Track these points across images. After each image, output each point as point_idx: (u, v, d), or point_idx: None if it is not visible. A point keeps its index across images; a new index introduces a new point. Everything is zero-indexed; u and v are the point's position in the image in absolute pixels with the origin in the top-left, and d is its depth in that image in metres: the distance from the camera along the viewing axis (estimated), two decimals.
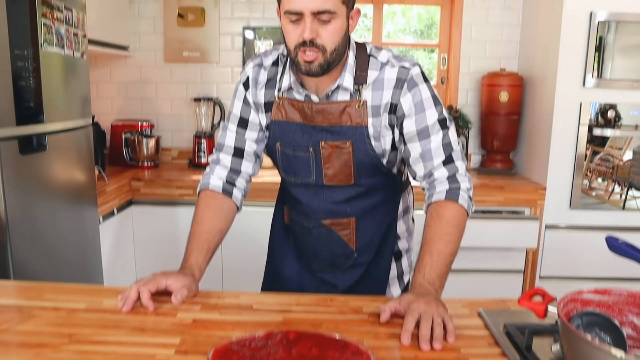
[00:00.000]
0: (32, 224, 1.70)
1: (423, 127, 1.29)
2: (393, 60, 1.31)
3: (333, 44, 1.21)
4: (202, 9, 3.14)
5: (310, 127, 1.32)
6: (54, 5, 1.71)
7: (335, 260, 1.46)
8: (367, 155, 1.31)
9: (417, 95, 1.28)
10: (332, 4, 1.17)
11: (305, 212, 1.43)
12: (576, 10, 2.59)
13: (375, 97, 1.29)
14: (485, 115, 3.09)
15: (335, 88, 1.29)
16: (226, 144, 1.41)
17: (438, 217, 1.24)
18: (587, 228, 2.75)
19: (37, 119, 1.68)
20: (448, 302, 1.12)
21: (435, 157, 1.30)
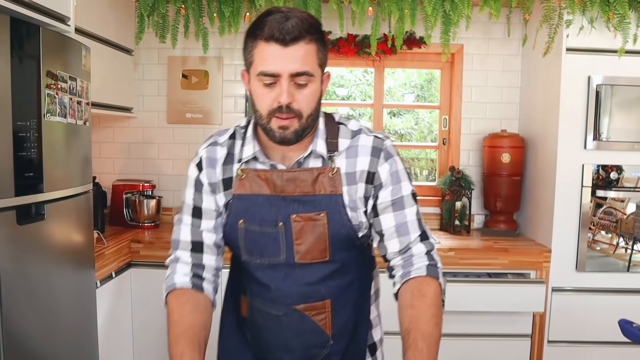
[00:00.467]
0: (27, 290, 1.66)
1: (398, 197, 1.25)
2: (365, 129, 1.28)
3: (309, 109, 1.16)
4: (205, 71, 3.19)
5: (279, 198, 1.21)
6: (59, 76, 1.74)
7: (310, 351, 1.29)
8: (344, 227, 1.23)
9: (393, 165, 1.26)
10: (310, 66, 1.13)
11: (273, 299, 1.26)
12: (574, 75, 2.63)
13: (349, 164, 1.24)
14: (487, 176, 3.08)
15: (307, 155, 1.22)
16: (181, 239, 1.29)
17: (422, 295, 1.17)
18: (595, 291, 2.70)
19: (37, 189, 1.67)
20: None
21: (412, 231, 1.25)
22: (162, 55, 3.21)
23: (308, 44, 1.12)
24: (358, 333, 1.33)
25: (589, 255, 2.68)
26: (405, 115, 4.06)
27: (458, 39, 2.88)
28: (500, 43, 3.19)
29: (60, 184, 1.81)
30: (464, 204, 3.12)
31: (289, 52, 1.10)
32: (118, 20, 2.79)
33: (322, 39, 1.17)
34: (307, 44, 1.12)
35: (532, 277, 2.70)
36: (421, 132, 4.04)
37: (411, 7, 2.63)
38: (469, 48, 3.19)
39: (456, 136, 3.25)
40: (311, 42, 1.13)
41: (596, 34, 2.60)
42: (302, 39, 1.11)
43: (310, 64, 1.13)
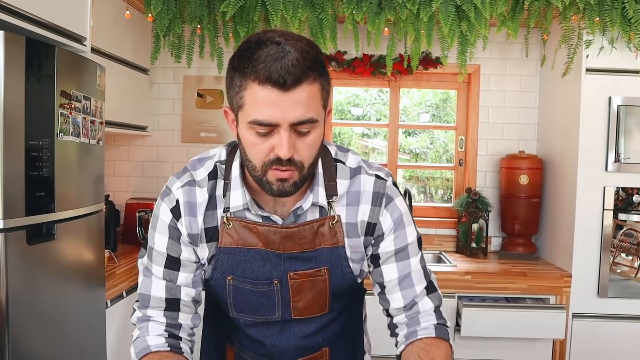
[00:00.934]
0: (35, 309, 1.64)
1: (402, 246, 1.12)
2: (365, 166, 1.12)
3: (311, 158, 0.99)
4: (220, 91, 3.20)
5: (274, 254, 1.07)
6: (73, 95, 1.73)
7: None
8: (345, 280, 1.12)
9: (395, 211, 1.12)
10: (314, 111, 0.94)
11: (268, 354, 1.16)
12: (594, 95, 2.58)
13: (350, 213, 1.10)
14: (505, 198, 3.02)
15: (309, 207, 1.07)
16: (153, 295, 1.09)
17: (436, 345, 1.08)
18: (617, 317, 2.62)
19: (48, 208, 1.65)
20: None
21: (417, 283, 1.13)
22: (177, 75, 3.23)
23: (312, 84, 0.93)
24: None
25: (611, 278, 2.60)
26: (420, 134, 4.02)
27: (475, 59, 2.86)
28: (518, 63, 3.15)
29: (71, 203, 1.80)
30: (481, 226, 3.06)
31: (290, 98, 0.91)
32: (134, 40, 2.81)
33: (325, 71, 0.98)
34: (311, 85, 0.93)
35: (551, 302, 2.63)
36: (436, 152, 3.99)
37: (427, 28, 2.61)
38: (486, 68, 3.16)
39: (473, 157, 3.20)
40: (315, 81, 0.94)
41: (616, 54, 2.55)
42: (305, 80, 0.91)
43: (314, 109, 0.94)
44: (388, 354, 2.60)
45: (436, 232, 3.23)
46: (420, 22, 2.58)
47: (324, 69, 0.97)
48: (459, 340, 2.62)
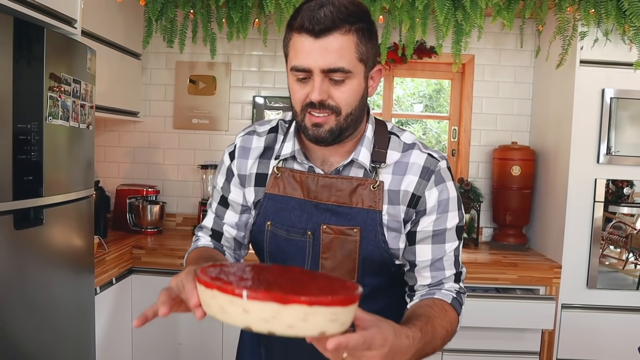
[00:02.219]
0: (23, 296, 1.62)
1: (441, 229, 1.10)
2: (420, 144, 1.13)
3: (349, 107, 1.02)
4: (213, 77, 3.17)
5: (312, 205, 1.11)
6: (62, 79, 1.71)
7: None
8: (378, 248, 1.09)
9: (444, 192, 1.10)
10: (346, 62, 0.99)
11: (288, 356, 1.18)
12: (588, 87, 2.58)
13: (394, 181, 1.10)
14: (497, 189, 3.03)
15: (348, 163, 1.10)
16: (204, 224, 1.25)
17: (443, 309, 1.05)
18: (606, 308, 2.64)
19: (36, 193, 1.63)
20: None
21: (448, 268, 1.12)
22: (170, 60, 3.19)
23: (344, 35, 0.98)
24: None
25: (600, 270, 2.62)
26: (413, 124, 4.02)
27: (469, 49, 2.84)
28: (512, 54, 3.14)
29: (60, 188, 1.78)
30: (473, 217, 3.07)
31: (321, 45, 0.97)
32: (127, 23, 2.77)
33: (366, 29, 1.02)
34: (343, 35, 0.98)
35: (541, 293, 2.64)
36: (429, 142, 3.99)
37: (422, 17, 2.59)
38: (481, 59, 3.15)
39: (466, 147, 3.20)
40: (348, 33, 0.98)
41: (611, 46, 2.55)
42: (337, 30, 0.97)
43: (347, 59, 0.99)
44: None
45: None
46: (416, 10, 2.56)
47: (364, 25, 1.01)
48: None
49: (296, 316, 0.67)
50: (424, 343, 0.91)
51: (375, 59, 1.08)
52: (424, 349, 0.91)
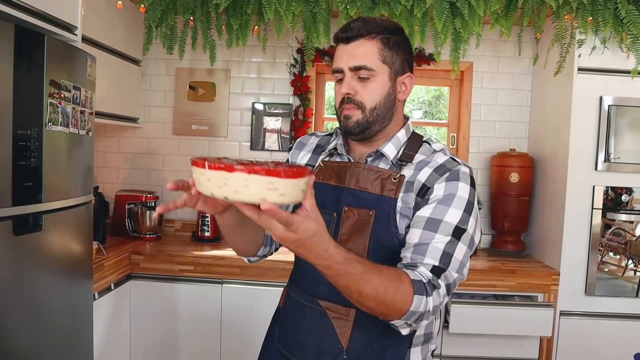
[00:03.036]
0: (21, 301, 1.62)
1: (436, 218, 1.12)
2: (447, 151, 1.24)
3: (372, 102, 1.19)
4: (212, 84, 3.18)
5: (340, 189, 1.25)
6: (62, 85, 1.71)
7: (320, 356, 1.23)
8: (388, 232, 1.17)
9: (452, 188, 1.14)
10: (369, 61, 1.17)
11: (305, 286, 1.27)
12: (586, 95, 2.59)
13: (414, 175, 1.20)
14: (495, 196, 3.03)
15: (375, 153, 1.24)
16: None
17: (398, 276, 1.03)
18: (604, 315, 2.64)
19: (35, 199, 1.64)
20: None
21: (429, 256, 1.10)
22: (169, 67, 3.20)
23: (369, 40, 1.18)
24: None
25: (598, 277, 2.62)
26: None
27: (468, 56, 2.86)
28: (511, 61, 3.16)
29: (60, 194, 1.78)
30: None
31: (350, 49, 1.19)
32: (126, 30, 2.79)
33: (393, 40, 1.20)
34: (369, 41, 1.18)
35: (539, 300, 2.64)
36: None
37: (421, 24, 2.61)
38: (479, 66, 3.16)
39: (464, 154, 3.21)
40: (373, 39, 1.18)
41: (609, 54, 2.56)
42: (363, 37, 1.18)
43: (370, 59, 1.17)
44: None
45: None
46: (414, 18, 2.57)
47: (391, 35, 1.20)
48: (447, 337, 2.63)
49: (239, 183, 0.83)
50: (340, 270, 0.96)
51: (405, 67, 1.23)
52: (337, 273, 0.97)
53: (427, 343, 1.28)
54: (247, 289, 2.62)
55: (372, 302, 1.01)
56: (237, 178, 0.83)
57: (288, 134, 3.14)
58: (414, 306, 1.03)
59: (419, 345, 1.26)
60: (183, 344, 2.69)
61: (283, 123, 3.14)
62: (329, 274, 0.97)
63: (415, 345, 1.24)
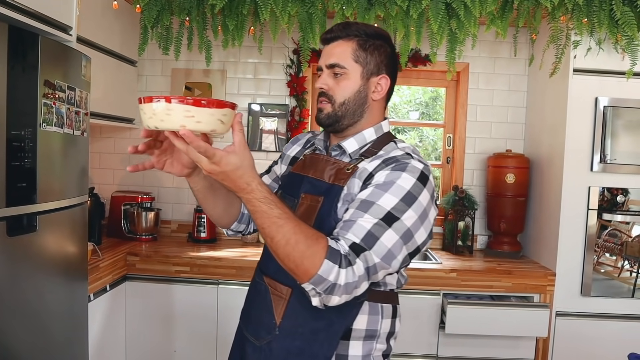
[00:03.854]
0: (16, 303, 1.61)
1: (369, 201, 1.12)
2: (409, 149, 1.27)
3: (342, 97, 1.28)
4: (209, 84, 3.18)
5: (303, 177, 1.34)
6: (57, 85, 1.71)
7: (259, 330, 1.29)
8: (328, 216, 1.20)
9: (394, 176, 1.15)
10: (342, 60, 1.27)
11: (262, 264, 1.38)
12: (581, 96, 2.60)
13: (367, 166, 1.23)
14: (491, 197, 3.04)
15: (337, 147, 1.32)
16: None
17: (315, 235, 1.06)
18: (600, 316, 2.64)
19: (30, 199, 1.63)
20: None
21: (352, 232, 1.09)
22: (165, 67, 3.20)
23: (346, 41, 1.28)
24: (313, 350, 1.22)
25: (594, 278, 2.62)
26: (409, 132, 4.03)
27: (464, 57, 2.86)
28: (507, 62, 3.16)
29: (54, 195, 1.77)
30: (467, 224, 3.07)
31: (329, 49, 1.30)
32: (122, 31, 2.78)
33: (370, 43, 1.28)
34: (345, 42, 1.28)
35: (535, 300, 2.64)
36: (425, 150, 4.00)
37: (417, 25, 2.61)
38: (475, 67, 3.17)
39: (460, 155, 3.21)
40: (350, 41, 1.28)
41: (604, 55, 2.57)
42: (341, 38, 1.29)
43: (343, 58, 1.27)
44: None
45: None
46: (410, 19, 2.57)
47: (368, 39, 1.28)
48: (444, 338, 2.63)
49: (162, 112, 0.95)
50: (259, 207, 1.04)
51: (381, 70, 1.30)
52: (256, 210, 1.05)
53: (372, 340, 1.27)
54: (243, 289, 2.58)
55: (282, 251, 1.05)
56: (161, 107, 0.95)
57: (284, 135, 3.14)
58: (322, 270, 1.03)
59: (360, 339, 1.25)
60: (179, 345, 2.68)
61: (279, 124, 3.14)
62: (250, 209, 1.06)
63: (355, 338, 1.24)
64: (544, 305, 2.58)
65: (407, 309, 2.62)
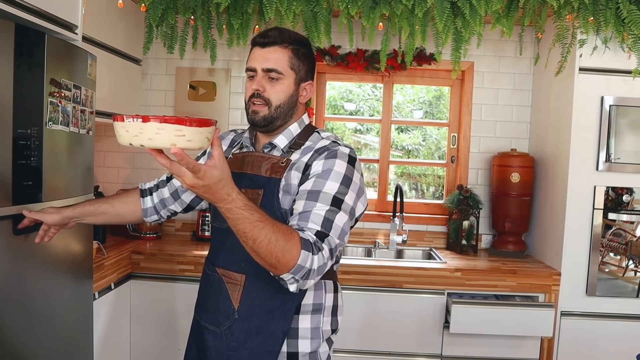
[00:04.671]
0: (21, 300, 1.62)
1: (316, 190, 1.28)
2: (332, 137, 1.43)
3: (278, 101, 1.38)
4: (213, 83, 3.18)
5: (240, 174, 1.41)
6: (63, 84, 1.71)
7: (218, 317, 1.42)
8: (272, 206, 1.33)
9: (330, 164, 1.32)
10: (280, 66, 1.37)
11: (211, 257, 1.48)
12: (587, 95, 2.59)
13: (299, 158, 1.38)
14: (496, 196, 3.03)
15: (270, 144, 1.44)
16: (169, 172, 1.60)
17: (288, 231, 1.18)
18: (605, 316, 2.63)
19: (36, 198, 1.63)
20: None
21: (312, 221, 1.24)
22: (170, 66, 3.20)
23: (283, 49, 1.38)
24: (270, 327, 1.36)
25: (599, 277, 2.61)
26: (413, 131, 4.02)
27: (469, 56, 2.85)
28: (512, 61, 3.15)
29: (60, 193, 1.78)
30: (472, 224, 3.07)
31: (265, 53, 1.38)
32: (127, 29, 2.78)
33: (302, 51, 1.41)
34: (282, 49, 1.38)
35: (540, 300, 2.64)
36: (429, 149, 3.99)
37: (422, 24, 2.60)
38: (480, 66, 3.16)
39: (465, 154, 3.21)
40: (286, 48, 1.39)
41: (610, 54, 2.56)
42: (277, 45, 1.38)
43: (281, 64, 1.37)
44: (378, 349, 2.61)
45: (427, 229, 3.23)
46: (415, 17, 2.57)
47: (300, 47, 1.41)
48: (448, 337, 2.62)
49: (152, 130, 0.97)
50: (240, 214, 1.11)
51: (308, 76, 1.45)
52: (237, 217, 1.12)
53: (318, 314, 1.42)
54: None
55: (265, 249, 1.13)
56: (151, 127, 0.97)
57: None
58: (300, 260, 1.16)
59: (308, 313, 1.41)
60: (183, 343, 2.67)
61: None
62: (230, 217, 1.12)
63: (304, 312, 1.40)
64: (548, 305, 2.57)
65: (411, 308, 2.62)
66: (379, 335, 2.62)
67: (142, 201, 1.65)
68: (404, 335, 2.63)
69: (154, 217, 1.67)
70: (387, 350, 2.63)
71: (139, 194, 1.66)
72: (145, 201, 1.65)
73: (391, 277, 2.60)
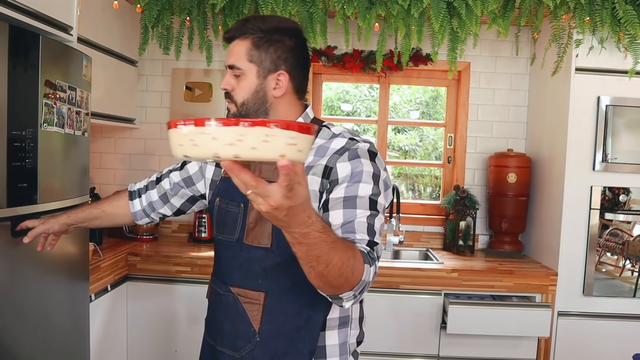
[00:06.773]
0: (17, 302, 1.61)
1: (351, 195, 1.16)
2: (346, 133, 1.28)
3: (241, 98, 1.26)
4: (209, 84, 3.17)
5: None
6: (58, 85, 1.70)
7: (237, 341, 1.28)
8: None
9: (357, 165, 1.19)
10: (238, 60, 1.26)
11: (220, 275, 1.34)
12: (583, 95, 2.59)
13: (314, 160, 1.24)
14: (493, 196, 3.03)
15: None
16: (164, 170, 1.60)
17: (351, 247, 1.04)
18: (602, 316, 2.64)
19: (31, 200, 1.62)
20: None
21: (359, 231, 1.12)
22: (166, 67, 3.19)
23: (242, 41, 1.26)
24: (298, 347, 1.24)
25: (596, 277, 2.62)
26: (409, 131, 4.03)
27: (465, 56, 2.85)
28: (508, 61, 3.16)
29: (55, 195, 1.77)
30: (469, 224, 3.07)
31: (230, 48, 1.29)
32: (123, 30, 2.77)
33: (264, 39, 1.25)
34: (241, 42, 1.26)
35: (537, 300, 2.64)
36: (425, 149, 4.00)
37: (418, 24, 2.60)
38: (476, 66, 3.16)
39: (461, 155, 3.21)
40: (245, 39, 1.26)
41: (606, 54, 2.56)
42: (238, 38, 1.27)
43: (239, 59, 1.26)
44: (375, 350, 2.61)
45: (424, 229, 3.23)
46: (411, 18, 2.57)
47: (262, 35, 1.25)
48: (445, 338, 2.62)
49: (258, 137, 0.73)
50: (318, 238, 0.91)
51: (279, 65, 1.26)
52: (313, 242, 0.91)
53: (345, 327, 1.31)
54: None
55: (336, 272, 0.97)
56: (258, 132, 0.73)
57: None
58: (365, 275, 1.04)
59: (335, 328, 1.29)
60: (180, 345, 2.68)
61: None
62: (305, 242, 0.91)
63: (330, 328, 1.28)
64: (545, 305, 2.57)
65: (408, 309, 2.62)
66: (376, 336, 2.62)
67: (131, 204, 1.61)
68: (401, 336, 2.63)
69: (145, 220, 1.63)
70: (384, 351, 2.63)
71: (128, 197, 1.62)
72: (134, 204, 1.60)
73: (388, 278, 2.60)
